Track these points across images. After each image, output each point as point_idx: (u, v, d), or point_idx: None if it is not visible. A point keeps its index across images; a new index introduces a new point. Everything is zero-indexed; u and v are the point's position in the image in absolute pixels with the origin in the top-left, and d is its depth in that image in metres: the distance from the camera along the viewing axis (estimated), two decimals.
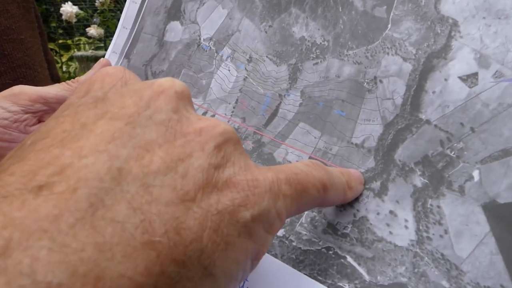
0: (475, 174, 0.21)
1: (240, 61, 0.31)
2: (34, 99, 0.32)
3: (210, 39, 0.32)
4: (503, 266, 0.19)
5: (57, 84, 0.34)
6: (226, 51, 0.31)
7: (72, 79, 0.35)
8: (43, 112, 0.33)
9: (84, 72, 2.07)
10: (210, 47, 0.32)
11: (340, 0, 0.27)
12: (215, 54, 0.32)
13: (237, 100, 0.30)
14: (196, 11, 0.34)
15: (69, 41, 2.52)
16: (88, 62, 2.09)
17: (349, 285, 0.22)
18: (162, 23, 0.35)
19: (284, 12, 0.30)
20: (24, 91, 0.32)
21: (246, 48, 0.31)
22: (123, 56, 0.37)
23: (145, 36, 0.36)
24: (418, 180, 0.22)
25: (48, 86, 0.34)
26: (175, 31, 0.34)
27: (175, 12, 0.35)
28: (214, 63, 0.32)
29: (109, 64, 0.36)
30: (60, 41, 2.43)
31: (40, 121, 0.34)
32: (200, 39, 0.33)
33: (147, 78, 0.34)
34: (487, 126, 0.21)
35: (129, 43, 0.37)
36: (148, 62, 0.35)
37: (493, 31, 0.22)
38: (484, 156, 0.21)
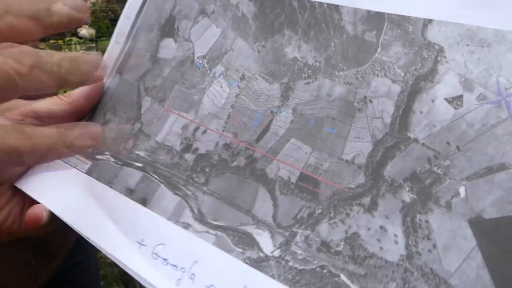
0: (461, 190, 0.22)
1: (233, 79, 0.31)
2: (26, 114, 0.32)
3: (204, 57, 0.33)
4: (489, 279, 0.19)
5: (49, 98, 0.34)
6: (219, 68, 0.32)
7: (64, 94, 0.34)
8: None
9: None
10: (204, 65, 0.33)
11: (332, 24, 0.29)
12: (208, 71, 0.33)
13: (229, 115, 0.30)
14: (190, 29, 0.35)
15: (60, 41, 2.49)
16: None
17: None
18: (155, 40, 0.36)
19: (277, 34, 0.31)
20: (17, 105, 0.32)
21: (239, 67, 0.31)
22: (114, 71, 0.37)
23: (138, 52, 0.37)
24: (407, 196, 0.23)
25: (40, 100, 0.33)
26: (169, 48, 0.35)
27: (168, 30, 0.36)
28: (206, 80, 0.32)
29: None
30: (51, 41, 2.40)
31: None
32: (193, 56, 0.34)
33: (139, 93, 0.35)
34: (472, 145, 0.22)
35: (121, 58, 0.37)
36: (141, 77, 0.35)
37: (476, 58, 0.24)
38: (469, 174, 0.22)
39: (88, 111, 0.36)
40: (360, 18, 0.28)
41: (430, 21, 0.25)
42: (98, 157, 0.34)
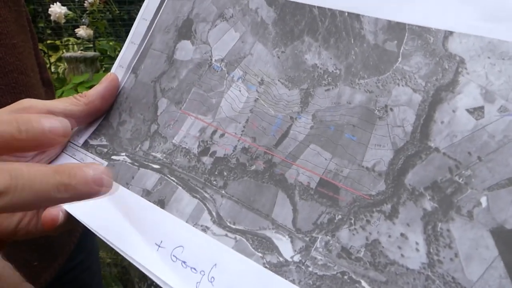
0: (483, 200, 0.22)
1: (252, 83, 0.32)
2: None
3: (222, 60, 0.33)
4: None
5: (65, 98, 0.34)
6: (238, 72, 0.32)
7: (80, 94, 0.34)
8: None
9: (73, 73, 2.02)
10: (222, 68, 0.33)
11: (352, 32, 0.29)
12: (226, 75, 0.33)
13: (247, 120, 0.31)
14: (208, 32, 0.35)
15: (58, 42, 2.49)
16: (77, 63, 2.05)
17: None
18: (172, 41, 0.36)
19: (297, 40, 0.31)
20: (33, 106, 0.32)
21: (258, 71, 0.32)
22: (130, 71, 0.37)
23: (153, 53, 0.37)
24: (428, 204, 0.23)
25: (56, 100, 0.33)
26: (186, 50, 0.35)
27: (185, 32, 0.36)
28: (225, 83, 0.33)
29: (117, 79, 0.36)
30: (49, 42, 2.39)
31: None
32: (211, 59, 0.34)
33: (156, 95, 0.35)
34: (494, 156, 0.22)
35: (137, 58, 0.37)
36: (157, 78, 0.35)
37: (498, 70, 0.24)
38: (491, 184, 0.22)
39: (104, 111, 0.36)
40: (381, 28, 0.28)
41: (451, 33, 0.26)
42: (114, 157, 0.34)
